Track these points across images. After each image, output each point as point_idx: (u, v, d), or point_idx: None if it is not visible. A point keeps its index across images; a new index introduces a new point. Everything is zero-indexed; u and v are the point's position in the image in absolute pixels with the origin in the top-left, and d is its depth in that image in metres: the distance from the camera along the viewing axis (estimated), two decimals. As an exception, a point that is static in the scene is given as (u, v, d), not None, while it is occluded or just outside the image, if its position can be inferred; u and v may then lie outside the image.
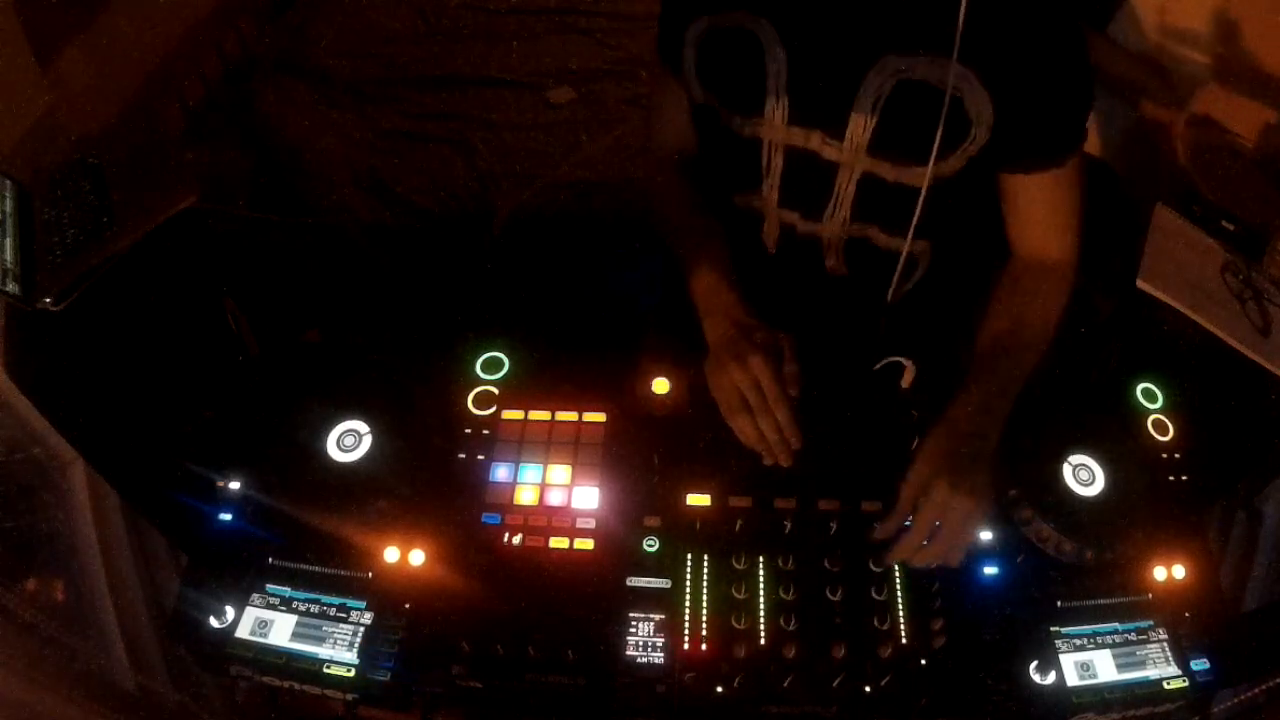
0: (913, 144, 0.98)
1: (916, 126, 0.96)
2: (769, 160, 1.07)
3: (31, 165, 1.28)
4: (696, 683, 0.91)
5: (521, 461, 1.06)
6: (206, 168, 1.85)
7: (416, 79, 2.32)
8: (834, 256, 1.14)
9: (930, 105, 0.94)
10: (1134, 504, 0.99)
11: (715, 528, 1.00)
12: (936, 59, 0.93)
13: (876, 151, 1.00)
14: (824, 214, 1.09)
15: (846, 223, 1.09)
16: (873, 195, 1.04)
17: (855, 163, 1.02)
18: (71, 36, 1.60)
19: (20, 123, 1.37)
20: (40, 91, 1.44)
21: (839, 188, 1.05)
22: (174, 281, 1.29)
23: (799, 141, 1.04)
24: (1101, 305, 1.40)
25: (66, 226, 1.21)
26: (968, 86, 0.94)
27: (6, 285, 1.09)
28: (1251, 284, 1.23)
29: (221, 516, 1.03)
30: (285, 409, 1.06)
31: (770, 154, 1.06)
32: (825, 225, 1.10)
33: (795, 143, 1.04)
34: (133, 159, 1.42)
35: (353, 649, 0.93)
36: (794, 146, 1.04)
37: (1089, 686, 0.92)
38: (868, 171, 1.03)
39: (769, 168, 1.07)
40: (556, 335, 1.18)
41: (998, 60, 0.93)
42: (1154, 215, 1.26)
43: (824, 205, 1.08)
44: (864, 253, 1.12)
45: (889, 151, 1.00)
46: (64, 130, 1.43)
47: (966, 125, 0.97)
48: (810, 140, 1.03)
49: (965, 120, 0.96)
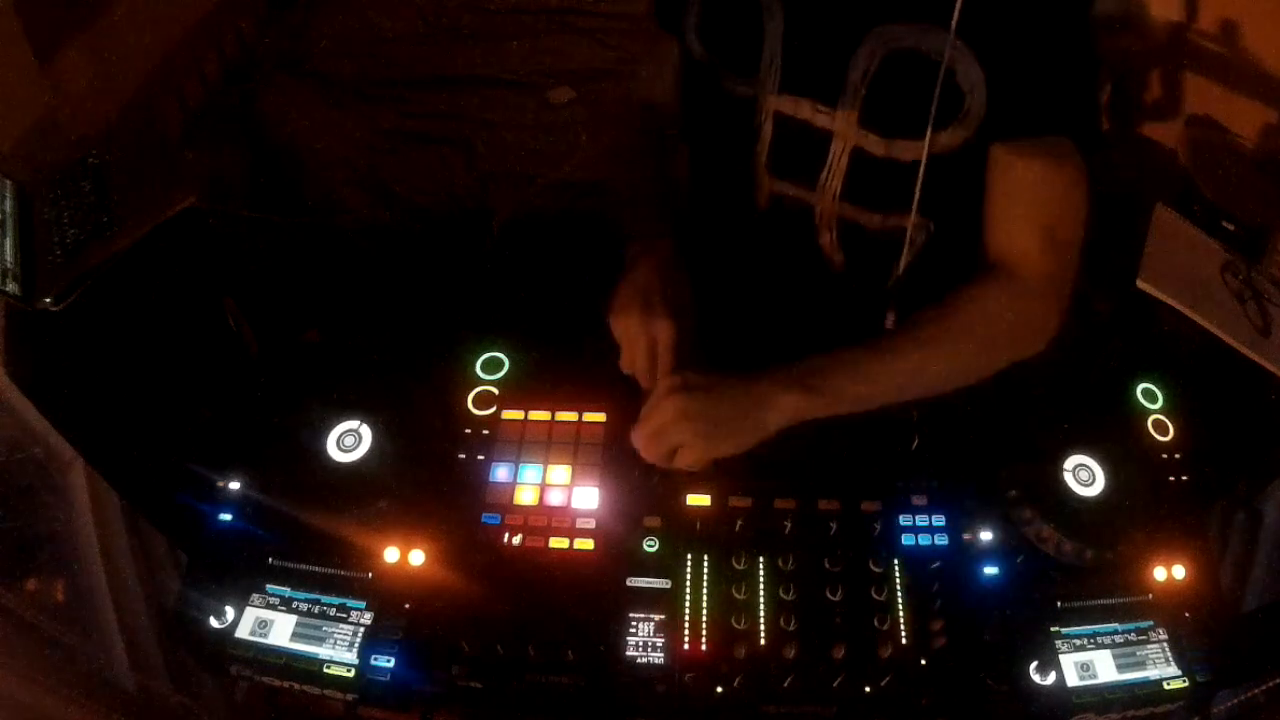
0: (904, 116, 0.96)
1: (908, 98, 0.95)
2: (761, 123, 1.06)
3: (31, 165, 1.28)
4: (696, 683, 0.91)
5: (521, 462, 1.06)
6: (206, 168, 1.85)
7: (416, 79, 2.32)
8: (827, 234, 1.11)
9: (922, 76, 0.93)
10: (1134, 504, 0.99)
11: (715, 528, 1.00)
12: (931, 29, 0.92)
13: (867, 123, 0.99)
14: (817, 183, 1.07)
15: (838, 196, 1.06)
16: (863, 171, 1.03)
17: (847, 133, 1.01)
18: (71, 36, 1.60)
19: (20, 123, 1.36)
20: (40, 91, 1.44)
21: (832, 158, 1.04)
22: (174, 281, 1.29)
23: (789, 109, 1.03)
24: (1101, 305, 1.40)
25: (66, 226, 1.20)
26: (960, 57, 0.93)
27: (6, 285, 1.09)
28: (1251, 284, 1.23)
29: (221, 516, 1.03)
30: (285, 409, 1.06)
31: (763, 117, 1.06)
32: (818, 195, 1.08)
33: (785, 110, 1.04)
34: (133, 159, 1.42)
35: (353, 649, 0.93)
36: (783, 113, 1.04)
37: (1089, 687, 0.92)
38: (858, 145, 1.01)
39: (759, 131, 1.07)
40: (556, 335, 1.18)
41: (991, 30, 0.92)
42: (1154, 215, 1.25)
43: (816, 174, 1.06)
44: (857, 237, 1.10)
45: (880, 123, 0.98)
46: (64, 130, 1.42)
47: (959, 97, 0.95)
48: (800, 109, 1.02)
49: (957, 92, 0.95)
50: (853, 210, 1.07)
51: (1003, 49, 0.93)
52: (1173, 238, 1.25)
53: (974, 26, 0.90)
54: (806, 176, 1.07)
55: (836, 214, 1.09)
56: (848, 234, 1.11)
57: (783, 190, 1.11)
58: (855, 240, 1.11)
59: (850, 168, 1.03)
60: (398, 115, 2.23)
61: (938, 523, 1.01)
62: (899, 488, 1.03)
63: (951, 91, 0.94)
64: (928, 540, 1.00)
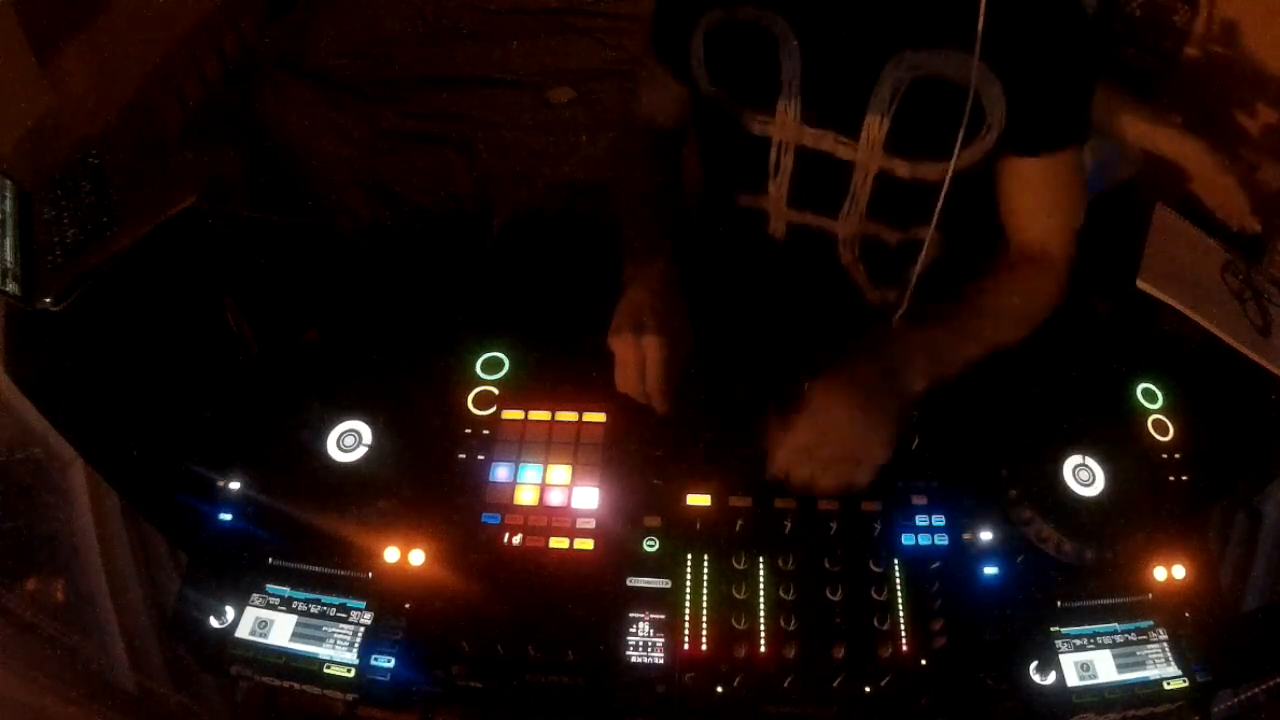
0: (929, 140, 0.97)
1: (933, 122, 0.96)
2: (778, 160, 1.06)
3: (31, 165, 1.28)
4: (696, 683, 0.91)
5: (521, 461, 1.06)
6: (206, 168, 1.84)
7: (416, 79, 2.32)
8: (849, 252, 1.14)
9: (946, 100, 0.94)
10: (1134, 504, 0.99)
11: (715, 528, 1.00)
12: (953, 53, 0.93)
13: (893, 149, 1.00)
14: (839, 213, 1.08)
15: (863, 219, 1.08)
16: (888, 193, 1.04)
17: (871, 161, 1.02)
18: (71, 36, 1.60)
19: (20, 123, 1.36)
20: (40, 91, 1.44)
21: (855, 187, 1.05)
22: (174, 281, 1.29)
23: (810, 142, 1.03)
24: (1101, 305, 1.40)
25: (66, 226, 1.21)
26: (983, 79, 0.94)
27: (6, 285, 1.09)
28: (1251, 284, 1.23)
29: (221, 516, 1.03)
30: (285, 409, 1.06)
31: (780, 154, 1.06)
32: (841, 224, 1.10)
33: (806, 143, 1.04)
34: (133, 159, 1.42)
35: (353, 649, 0.93)
36: (805, 147, 1.04)
37: (1089, 687, 0.92)
38: (883, 169, 1.02)
39: (778, 167, 1.07)
40: (556, 335, 1.18)
41: (1010, 52, 0.93)
42: (1154, 215, 1.25)
43: (839, 205, 1.07)
44: (875, 249, 1.12)
45: (905, 149, 1.00)
46: (64, 130, 1.43)
47: (981, 117, 0.97)
48: (823, 141, 1.03)
49: (980, 112, 0.96)
50: (875, 227, 1.09)
51: (1022, 68, 0.95)
52: (1173, 238, 1.25)
53: (994, 48, 0.92)
54: (828, 207, 1.09)
55: (860, 233, 1.11)
56: (869, 249, 1.13)
57: (803, 220, 1.12)
58: (876, 254, 1.13)
59: (874, 192, 1.05)
60: (398, 115, 2.23)
61: (938, 523, 1.01)
62: (899, 488, 1.03)
63: (976, 112, 0.96)
64: (928, 540, 1.00)
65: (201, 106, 2.09)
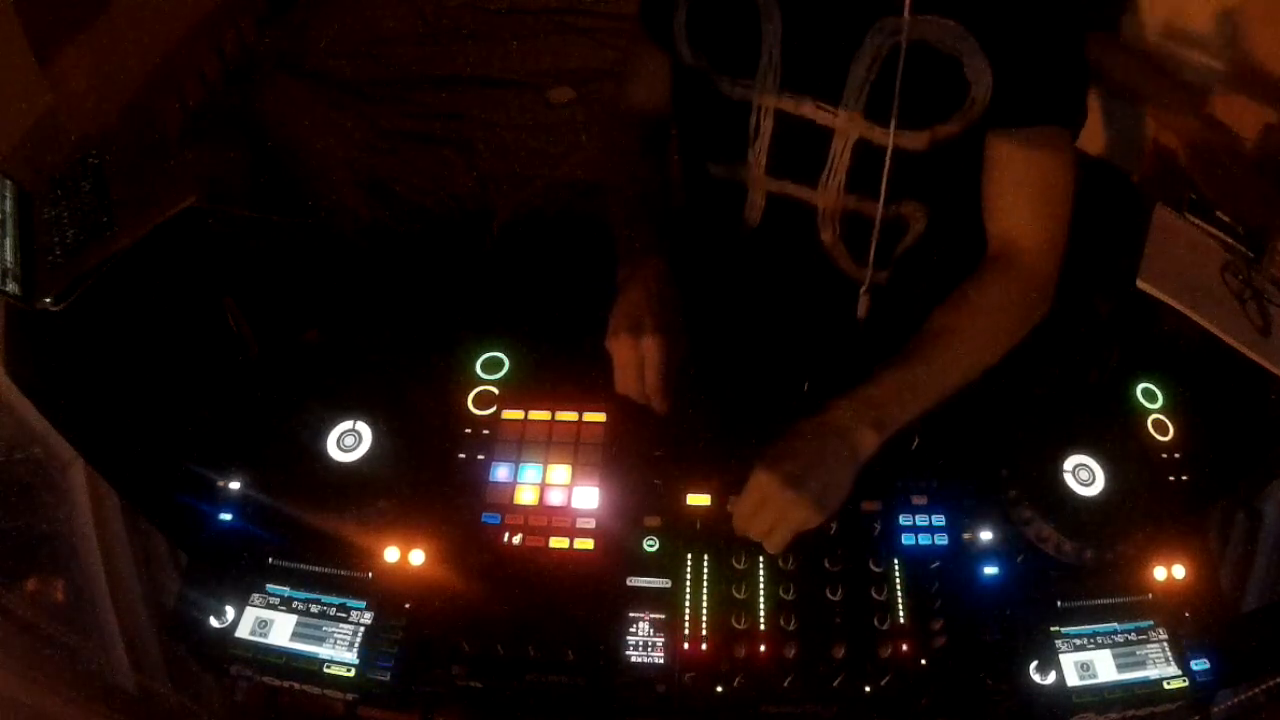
0: (910, 108, 0.96)
1: (914, 90, 0.95)
2: (758, 124, 1.05)
3: (31, 165, 1.28)
4: (696, 683, 0.91)
5: (521, 461, 1.06)
6: (206, 168, 1.84)
7: (416, 79, 2.32)
8: (830, 229, 1.11)
9: (927, 68, 0.94)
10: (1134, 504, 0.99)
11: (715, 528, 1.00)
12: (935, 20, 0.93)
13: (872, 116, 0.99)
14: (818, 181, 1.07)
15: (842, 190, 1.06)
16: (867, 162, 1.03)
17: (850, 129, 1.01)
18: (71, 36, 1.60)
19: (20, 123, 1.36)
20: (40, 91, 1.44)
21: (834, 154, 1.04)
22: (174, 281, 1.29)
23: (790, 107, 1.03)
24: (1101, 305, 1.40)
25: (66, 226, 1.20)
26: (967, 48, 0.93)
27: (6, 285, 1.09)
28: (1251, 284, 1.23)
29: (221, 516, 1.03)
30: (285, 409, 1.06)
31: (760, 118, 1.05)
32: (820, 194, 1.08)
33: (786, 108, 1.03)
34: (133, 159, 1.42)
35: (353, 649, 0.93)
36: (785, 111, 1.03)
37: (1089, 686, 0.92)
38: (863, 136, 1.01)
39: (757, 131, 1.06)
40: (556, 335, 1.18)
41: (996, 22, 0.93)
42: (1154, 215, 1.25)
43: (818, 173, 1.06)
44: (859, 227, 1.10)
45: (886, 116, 0.98)
46: (64, 130, 1.43)
47: (965, 88, 0.96)
48: (802, 107, 1.02)
49: (963, 83, 0.95)
50: (856, 202, 1.07)
51: (1007, 39, 0.94)
52: (1173, 238, 1.25)
53: (978, 16, 0.91)
54: (807, 175, 1.07)
55: (840, 207, 1.09)
56: (850, 226, 1.10)
57: (782, 190, 1.10)
58: (857, 231, 1.10)
59: (854, 161, 1.03)
60: (398, 115, 2.23)
61: (938, 523, 1.01)
62: (899, 487, 1.03)
63: (958, 81, 0.95)
64: (928, 540, 1.00)
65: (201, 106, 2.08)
